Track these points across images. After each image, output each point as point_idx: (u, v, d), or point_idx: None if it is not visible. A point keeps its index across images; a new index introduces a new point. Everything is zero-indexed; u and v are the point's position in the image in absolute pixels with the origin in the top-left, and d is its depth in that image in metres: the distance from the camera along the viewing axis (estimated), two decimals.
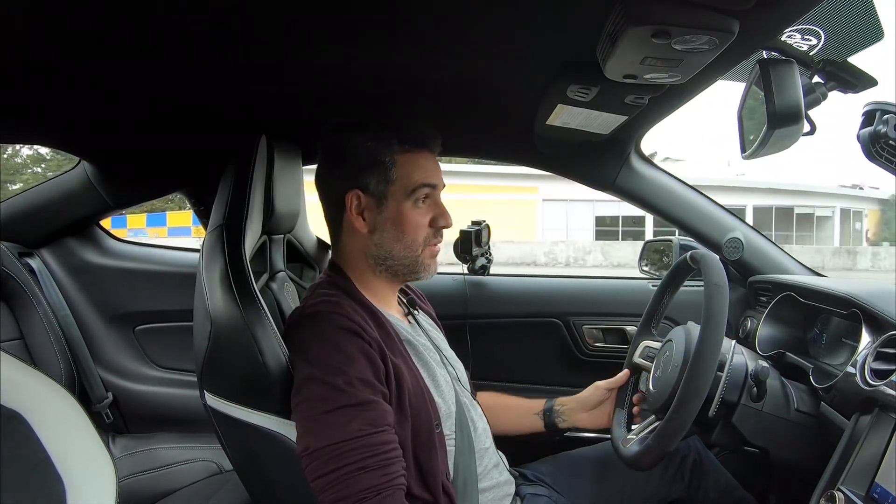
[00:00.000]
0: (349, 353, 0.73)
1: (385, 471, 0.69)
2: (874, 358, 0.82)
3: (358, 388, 0.71)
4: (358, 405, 0.70)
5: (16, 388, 0.59)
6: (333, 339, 0.74)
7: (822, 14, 0.72)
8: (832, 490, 0.73)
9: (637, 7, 0.60)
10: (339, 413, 0.69)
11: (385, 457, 0.69)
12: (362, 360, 0.73)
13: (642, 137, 1.26)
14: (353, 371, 0.72)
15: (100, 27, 0.73)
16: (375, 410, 0.71)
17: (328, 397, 0.70)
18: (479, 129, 1.25)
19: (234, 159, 0.95)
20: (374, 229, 0.84)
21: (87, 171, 1.37)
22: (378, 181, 0.83)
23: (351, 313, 0.78)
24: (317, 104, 1.08)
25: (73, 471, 0.59)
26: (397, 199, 0.83)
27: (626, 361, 1.08)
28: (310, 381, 0.72)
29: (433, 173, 0.85)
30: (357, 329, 0.75)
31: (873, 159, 0.75)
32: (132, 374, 1.52)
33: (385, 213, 0.83)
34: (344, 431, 0.68)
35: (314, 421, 0.70)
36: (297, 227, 1.19)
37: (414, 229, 0.84)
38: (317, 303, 0.81)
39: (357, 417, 0.69)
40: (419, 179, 0.83)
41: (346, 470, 0.67)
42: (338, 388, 0.70)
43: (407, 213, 0.83)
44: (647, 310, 1.08)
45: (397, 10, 0.71)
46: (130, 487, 1.19)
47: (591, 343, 1.47)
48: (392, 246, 0.84)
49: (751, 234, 1.34)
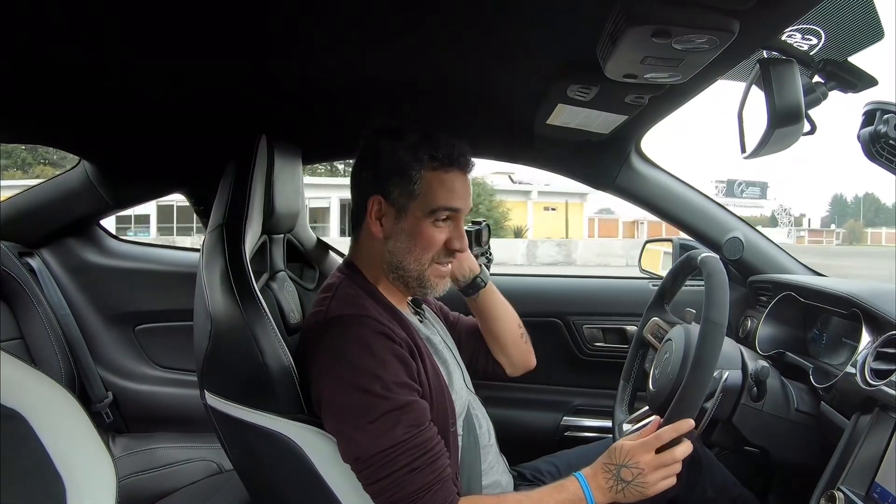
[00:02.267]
0: (383, 357, 0.74)
1: (433, 467, 0.72)
2: (874, 358, 0.82)
3: (396, 392, 0.72)
4: (399, 409, 0.71)
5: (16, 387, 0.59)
6: (367, 344, 0.74)
7: (822, 14, 0.72)
8: (832, 490, 0.73)
9: (637, 7, 0.60)
10: (381, 421, 0.71)
11: (431, 454, 0.72)
12: (395, 363, 0.74)
13: (642, 137, 1.26)
14: (388, 376, 0.72)
15: (100, 27, 0.73)
16: (415, 410, 0.73)
17: (369, 405, 0.71)
18: (479, 128, 1.25)
19: (234, 159, 0.95)
20: (388, 237, 0.84)
21: (87, 170, 1.37)
22: (401, 192, 0.82)
23: (378, 316, 0.78)
24: (317, 104, 1.08)
25: (73, 470, 0.59)
26: (416, 215, 0.82)
27: (636, 335, 1.09)
28: (345, 388, 0.73)
29: (459, 196, 0.83)
30: (388, 332, 0.76)
31: (873, 159, 0.75)
32: (132, 374, 1.52)
33: (402, 224, 0.82)
34: (390, 437, 0.70)
35: (361, 431, 0.71)
36: (297, 227, 1.19)
37: (426, 245, 0.83)
38: (342, 305, 0.80)
39: (400, 422, 0.71)
40: (442, 202, 0.82)
41: (398, 475, 0.70)
42: (377, 394, 0.71)
43: (423, 228, 0.82)
44: (660, 286, 1.09)
45: (397, 11, 0.71)
46: (130, 487, 1.19)
47: (591, 343, 1.47)
48: (403, 256, 0.83)
49: (751, 233, 1.34)
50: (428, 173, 0.82)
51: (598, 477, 0.77)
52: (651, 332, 1.06)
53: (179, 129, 1.18)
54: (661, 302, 1.09)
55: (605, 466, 0.78)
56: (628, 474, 0.76)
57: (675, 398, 0.79)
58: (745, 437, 0.89)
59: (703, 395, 0.78)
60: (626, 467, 0.76)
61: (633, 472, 0.76)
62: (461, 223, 0.86)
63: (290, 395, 0.76)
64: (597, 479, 0.77)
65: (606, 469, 0.77)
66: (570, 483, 0.77)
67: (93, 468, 0.61)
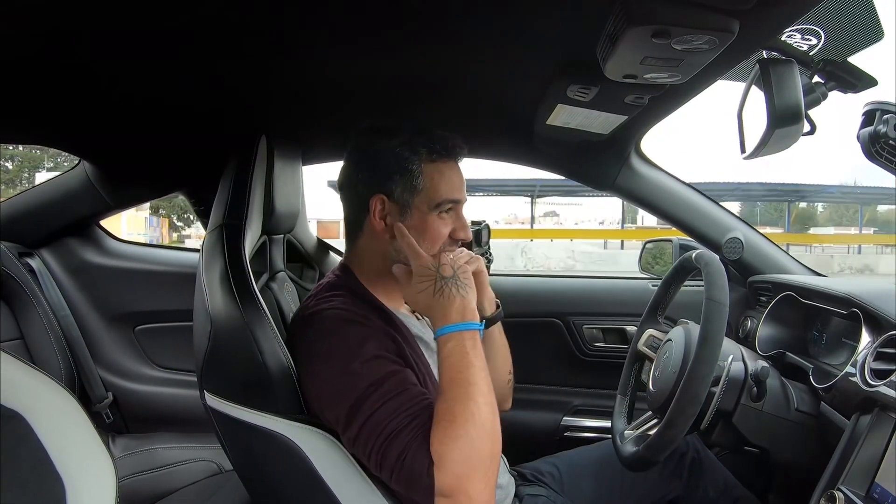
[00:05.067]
0: (359, 336, 0.74)
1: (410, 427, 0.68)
2: (874, 358, 0.82)
3: (374, 367, 0.71)
4: (380, 381, 0.70)
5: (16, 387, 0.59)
6: (336, 331, 0.74)
7: (822, 14, 0.72)
8: (832, 490, 0.73)
9: (637, 7, 0.60)
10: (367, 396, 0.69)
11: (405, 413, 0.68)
12: (371, 341, 0.74)
13: (642, 137, 1.26)
14: (365, 350, 0.72)
15: (100, 27, 0.73)
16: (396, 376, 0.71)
17: (351, 385, 0.70)
18: (480, 129, 1.25)
19: (234, 159, 0.95)
20: (395, 235, 0.83)
21: (87, 171, 1.37)
22: (403, 189, 0.82)
23: (352, 306, 0.78)
24: (317, 104, 1.08)
25: (73, 471, 0.59)
26: (421, 210, 0.82)
27: (630, 349, 1.09)
28: (328, 376, 0.73)
29: (458, 187, 0.85)
30: (360, 319, 0.76)
31: (873, 159, 0.75)
32: (132, 374, 1.52)
33: (408, 221, 0.82)
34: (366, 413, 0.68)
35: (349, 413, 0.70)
36: (297, 227, 1.19)
37: (434, 238, 0.83)
38: (318, 302, 0.81)
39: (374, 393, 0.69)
40: (445, 195, 0.82)
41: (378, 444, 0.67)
42: (355, 373, 0.70)
43: (431, 222, 0.82)
44: (653, 298, 1.09)
45: (397, 11, 0.71)
46: (130, 487, 1.19)
47: (591, 343, 1.47)
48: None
49: (751, 233, 1.34)
50: (427, 166, 0.82)
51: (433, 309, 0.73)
52: (647, 345, 1.06)
53: (179, 129, 1.18)
54: (654, 314, 1.09)
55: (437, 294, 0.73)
56: (447, 270, 0.75)
57: (686, 374, 0.79)
58: (745, 437, 0.89)
59: (712, 370, 0.79)
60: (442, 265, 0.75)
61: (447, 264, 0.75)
62: (462, 213, 0.87)
63: (290, 396, 0.76)
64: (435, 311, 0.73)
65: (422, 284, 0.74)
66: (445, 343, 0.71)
67: (93, 468, 0.61)
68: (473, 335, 0.72)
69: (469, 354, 0.70)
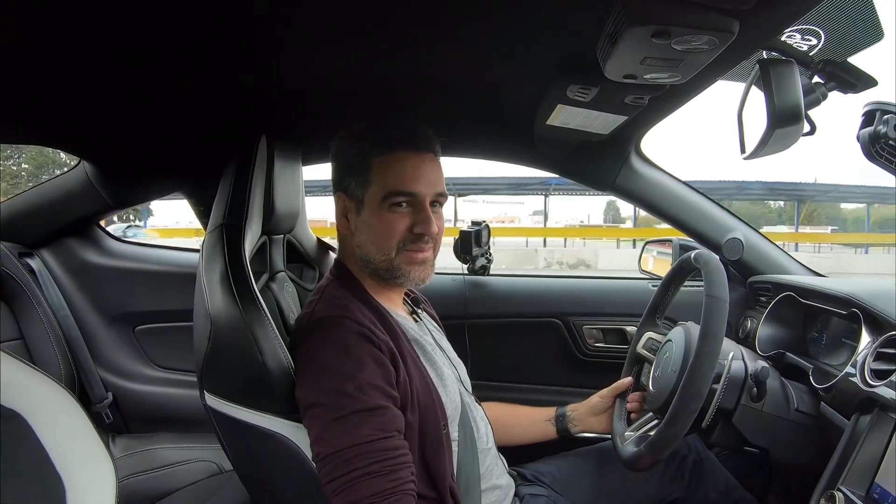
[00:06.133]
0: (360, 358, 0.73)
1: (393, 476, 0.68)
2: (874, 358, 0.82)
3: (368, 394, 0.71)
4: (368, 410, 0.70)
5: (16, 388, 0.59)
6: (344, 345, 0.74)
7: (822, 14, 0.72)
8: (832, 490, 0.73)
9: (637, 7, 0.60)
10: (349, 419, 0.69)
11: (394, 462, 0.69)
12: (372, 365, 0.73)
13: (642, 137, 1.26)
14: (363, 376, 0.71)
15: (100, 27, 0.73)
16: (385, 416, 0.71)
17: (338, 404, 0.70)
18: (479, 129, 1.25)
19: (234, 159, 0.95)
20: (355, 231, 0.85)
21: (87, 171, 1.37)
22: (356, 184, 0.83)
23: (360, 317, 0.78)
24: (317, 104, 1.08)
25: (73, 471, 0.59)
26: (371, 204, 0.82)
27: (630, 352, 1.09)
28: (319, 390, 0.72)
29: (411, 179, 0.81)
30: (368, 334, 0.75)
31: (873, 159, 0.75)
32: (132, 374, 1.52)
33: (362, 216, 0.83)
34: (353, 436, 0.68)
35: (325, 428, 0.70)
36: (297, 228, 1.19)
37: (386, 233, 0.81)
38: (327, 307, 0.80)
39: (367, 423, 0.69)
40: (392, 186, 0.80)
41: (355, 474, 0.67)
42: (348, 394, 0.70)
43: (381, 216, 0.81)
44: (651, 301, 1.09)
45: (397, 11, 0.71)
46: (130, 487, 1.19)
47: (591, 343, 1.47)
48: (368, 248, 0.84)
49: (751, 234, 1.34)
50: (376, 159, 0.82)
51: None
52: (646, 347, 1.06)
53: (179, 130, 1.18)
54: (653, 316, 1.09)
55: None
56: None
57: (688, 370, 0.79)
58: (745, 438, 0.89)
59: (713, 366, 0.78)
60: None
61: None
62: (426, 206, 0.82)
63: (290, 396, 0.76)
64: None
65: None
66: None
67: (93, 469, 0.61)
68: None
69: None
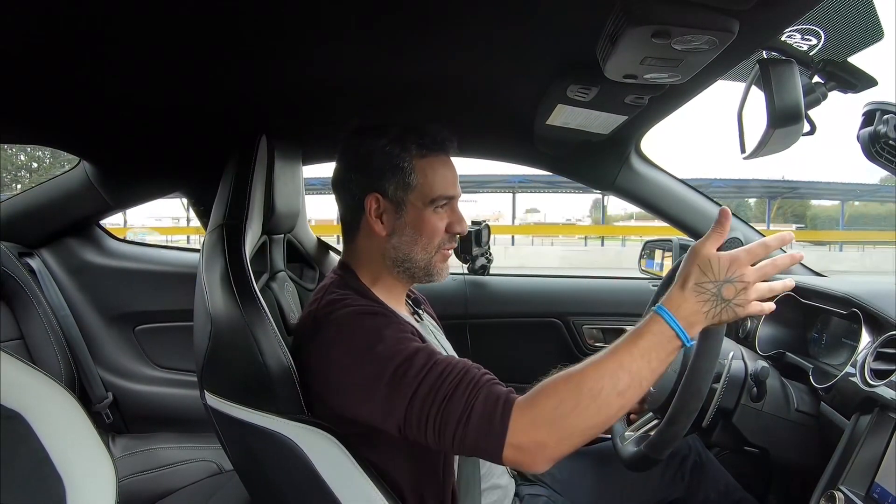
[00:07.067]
0: (374, 326, 0.73)
1: (462, 389, 0.66)
2: (874, 358, 0.82)
3: (397, 348, 0.70)
4: (405, 361, 0.68)
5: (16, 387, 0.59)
6: (356, 325, 0.74)
7: (822, 14, 0.72)
8: (832, 490, 0.73)
9: (637, 7, 0.60)
10: (393, 379, 0.68)
11: (454, 377, 0.66)
12: (391, 328, 0.73)
13: (642, 137, 1.26)
14: (388, 335, 0.71)
15: (100, 27, 0.73)
16: (419, 354, 0.69)
17: (375, 373, 0.69)
18: (479, 129, 1.25)
19: (234, 159, 0.95)
20: (392, 233, 0.84)
21: (87, 171, 1.37)
22: (397, 187, 0.82)
23: (365, 301, 0.78)
24: (317, 104, 1.08)
25: (73, 471, 0.59)
26: (416, 207, 0.83)
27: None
28: (351, 370, 0.71)
29: (452, 183, 0.85)
30: (377, 309, 0.76)
31: (873, 159, 0.75)
32: (132, 374, 1.52)
33: (404, 218, 0.83)
34: (409, 388, 0.67)
35: (383, 402, 0.68)
36: (297, 227, 1.19)
37: (431, 233, 0.84)
38: (328, 304, 0.80)
39: (411, 369, 0.68)
40: (440, 191, 0.83)
41: (432, 413, 0.65)
42: (381, 357, 0.69)
43: (427, 218, 0.83)
44: (651, 300, 1.08)
45: (398, 11, 0.71)
46: (130, 487, 1.19)
47: (591, 343, 1.47)
48: (410, 249, 0.84)
49: (751, 234, 1.34)
50: (419, 161, 0.82)
51: (688, 302, 0.64)
52: None
53: (179, 129, 1.18)
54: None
55: (698, 287, 0.64)
56: (731, 291, 0.64)
57: (688, 368, 0.78)
58: (745, 438, 0.89)
59: (713, 364, 0.78)
60: (731, 282, 0.64)
61: (737, 287, 0.64)
62: (457, 208, 0.87)
63: (290, 396, 0.76)
64: (687, 306, 0.64)
65: (701, 289, 0.64)
66: (651, 323, 0.65)
67: (93, 468, 0.61)
68: (677, 346, 0.65)
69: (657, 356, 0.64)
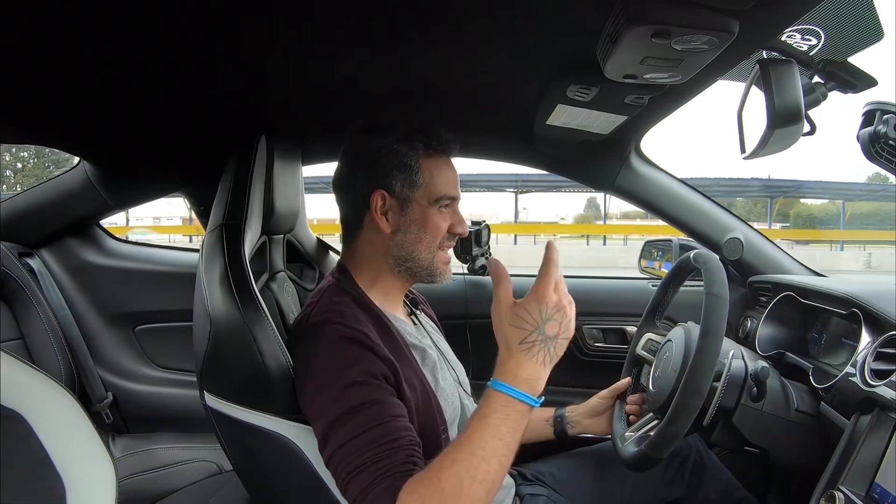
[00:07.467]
0: (350, 357, 0.72)
1: (379, 465, 0.65)
2: (874, 358, 0.82)
3: (355, 392, 0.70)
4: (354, 409, 0.68)
5: (16, 387, 0.59)
6: (333, 349, 0.74)
7: (822, 14, 0.72)
8: (832, 490, 0.73)
9: (637, 7, 0.60)
10: (338, 421, 0.68)
11: (379, 450, 0.65)
12: (361, 364, 0.72)
13: (642, 137, 1.26)
14: (352, 373, 0.71)
15: (100, 27, 0.73)
16: (374, 407, 0.69)
17: (328, 409, 0.69)
18: (480, 129, 1.25)
19: (234, 159, 0.94)
20: (396, 230, 0.84)
21: (87, 171, 1.37)
22: (403, 184, 0.83)
23: (354, 322, 0.77)
24: (316, 104, 1.08)
25: (73, 470, 0.59)
26: (422, 205, 0.84)
27: (629, 353, 1.09)
28: (311, 394, 0.72)
29: (454, 183, 0.87)
30: (359, 337, 0.74)
31: (873, 159, 0.75)
32: (132, 374, 1.52)
33: (409, 216, 0.84)
34: (340, 438, 0.67)
35: (322, 433, 0.69)
36: (297, 227, 1.19)
37: (434, 232, 0.85)
38: (322, 311, 0.80)
39: (352, 420, 0.68)
40: (444, 190, 0.85)
41: (343, 472, 0.66)
42: (333, 397, 0.69)
43: (431, 217, 0.84)
44: (650, 302, 1.09)
45: (397, 11, 0.71)
46: (130, 487, 1.19)
47: (591, 343, 1.47)
48: (414, 247, 0.84)
49: (750, 234, 1.34)
50: (425, 162, 0.84)
51: (522, 365, 0.64)
52: (645, 348, 1.06)
53: (179, 129, 1.18)
54: (652, 317, 1.09)
55: (524, 344, 0.64)
56: (553, 326, 0.64)
57: (689, 367, 0.79)
58: (745, 438, 0.89)
59: (714, 363, 0.78)
60: (549, 319, 0.64)
61: (557, 318, 0.64)
62: (458, 209, 0.89)
63: (290, 396, 0.76)
64: (524, 369, 0.64)
65: (528, 344, 0.64)
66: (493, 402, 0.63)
67: (93, 468, 0.61)
68: (526, 412, 0.64)
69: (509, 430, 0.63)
